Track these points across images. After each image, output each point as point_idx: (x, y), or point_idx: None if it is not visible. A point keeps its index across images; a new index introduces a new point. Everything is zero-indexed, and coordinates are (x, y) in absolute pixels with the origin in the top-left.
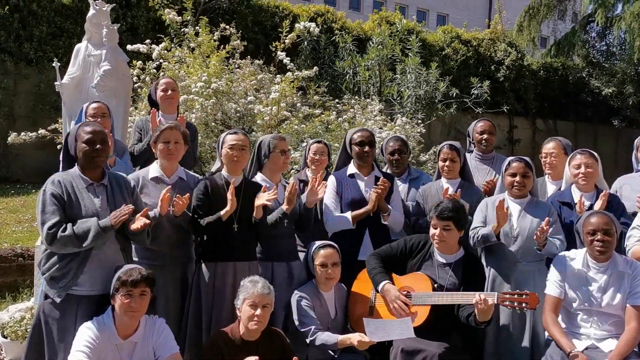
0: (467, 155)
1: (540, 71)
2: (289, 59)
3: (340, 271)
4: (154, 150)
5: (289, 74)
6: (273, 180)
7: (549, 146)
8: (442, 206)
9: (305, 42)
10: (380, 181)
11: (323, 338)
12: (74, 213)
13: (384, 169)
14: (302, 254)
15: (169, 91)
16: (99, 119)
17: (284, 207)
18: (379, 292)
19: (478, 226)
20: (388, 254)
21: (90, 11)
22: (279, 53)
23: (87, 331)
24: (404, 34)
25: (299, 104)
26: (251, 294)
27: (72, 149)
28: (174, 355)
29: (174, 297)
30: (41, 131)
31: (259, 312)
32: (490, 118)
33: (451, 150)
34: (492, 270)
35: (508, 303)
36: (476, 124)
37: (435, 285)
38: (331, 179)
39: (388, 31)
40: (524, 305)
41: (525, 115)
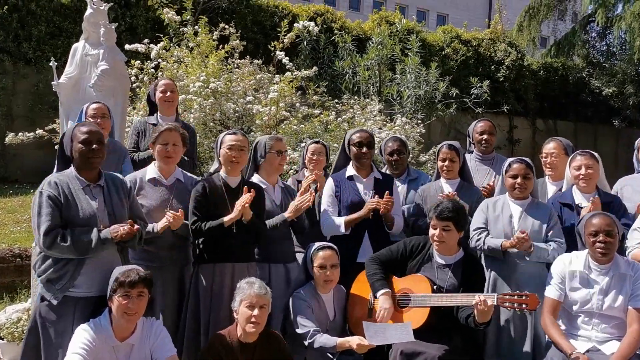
0: (467, 155)
1: (540, 71)
2: (287, 58)
3: (340, 273)
4: (152, 151)
5: (288, 73)
6: (269, 182)
7: (550, 146)
8: (442, 206)
9: (305, 42)
10: (385, 199)
11: (321, 340)
12: (71, 215)
13: (382, 169)
14: (301, 255)
15: (168, 92)
16: (99, 120)
17: (285, 215)
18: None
19: (480, 227)
20: (388, 257)
21: (88, 10)
22: (278, 53)
23: (84, 333)
24: (403, 33)
25: (298, 104)
26: (248, 295)
27: (68, 149)
28: (172, 357)
29: (172, 299)
30: (39, 131)
31: (256, 313)
32: (490, 118)
33: (450, 150)
34: (493, 272)
35: (508, 304)
36: (476, 124)
37: (434, 287)
38: (329, 182)
39: (388, 31)
40: (524, 306)
41: (525, 115)
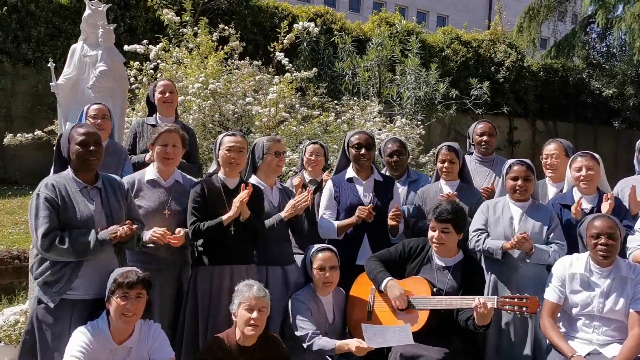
0: (467, 157)
1: (541, 72)
2: (287, 59)
3: (339, 275)
4: (146, 155)
5: (288, 74)
6: (267, 183)
7: (550, 147)
8: (441, 208)
9: (305, 43)
10: (392, 214)
11: (320, 343)
12: (69, 217)
13: (382, 171)
14: (300, 257)
15: (167, 93)
16: (99, 121)
17: (282, 215)
18: (382, 291)
19: (480, 229)
20: (387, 258)
21: (86, 11)
22: (278, 54)
23: (81, 336)
24: (403, 35)
25: (297, 105)
26: (247, 298)
27: (65, 150)
28: None
29: (170, 302)
30: (38, 132)
31: (255, 315)
32: (490, 119)
33: (450, 151)
34: (493, 274)
35: (508, 307)
36: (476, 126)
37: (434, 289)
38: (329, 184)
39: (388, 32)
40: (524, 309)
41: (525, 116)
